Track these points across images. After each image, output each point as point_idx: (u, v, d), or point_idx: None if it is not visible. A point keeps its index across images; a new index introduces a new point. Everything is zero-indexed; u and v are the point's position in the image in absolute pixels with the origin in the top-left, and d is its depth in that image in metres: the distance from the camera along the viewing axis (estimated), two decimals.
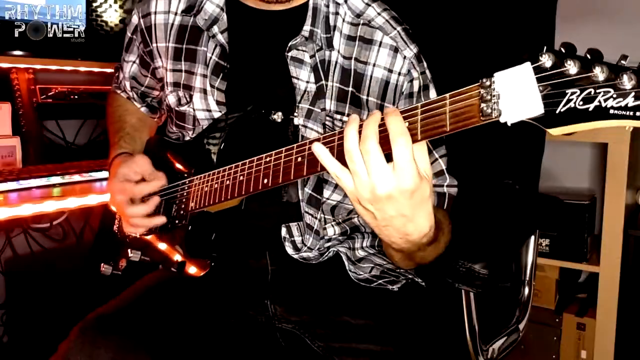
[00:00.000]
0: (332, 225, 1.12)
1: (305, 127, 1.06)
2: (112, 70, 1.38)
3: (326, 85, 1.07)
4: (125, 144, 1.24)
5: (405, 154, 0.70)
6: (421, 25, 1.13)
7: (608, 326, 2.00)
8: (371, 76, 1.07)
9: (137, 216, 1.10)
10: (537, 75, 0.60)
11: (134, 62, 1.26)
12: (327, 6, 1.08)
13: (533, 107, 0.60)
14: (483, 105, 0.63)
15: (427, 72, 1.09)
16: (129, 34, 1.24)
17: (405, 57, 1.06)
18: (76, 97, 2.06)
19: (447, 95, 0.68)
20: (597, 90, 0.56)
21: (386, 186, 0.71)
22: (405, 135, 0.70)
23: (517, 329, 1.48)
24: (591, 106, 0.56)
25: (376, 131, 0.72)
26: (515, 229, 1.46)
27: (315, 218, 1.08)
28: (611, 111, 0.55)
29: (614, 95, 0.55)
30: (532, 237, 1.53)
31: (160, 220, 1.10)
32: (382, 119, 0.73)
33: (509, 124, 0.62)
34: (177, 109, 1.16)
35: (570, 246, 2.10)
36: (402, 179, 0.71)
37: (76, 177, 1.71)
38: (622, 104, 0.54)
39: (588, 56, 0.57)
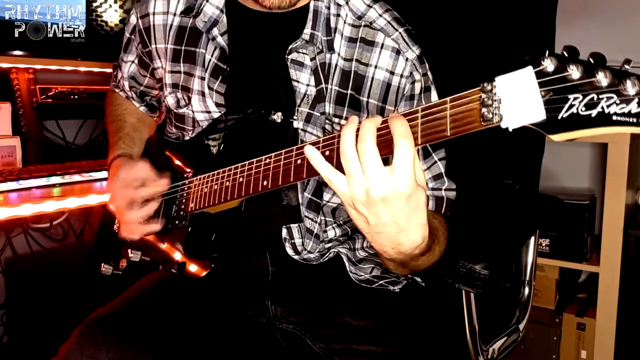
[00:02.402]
0: (333, 228, 1.12)
1: (305, 131, 1.06)
2: (112, 70, 1.38)
3: (326, 89, 1.07)
4: (124, 144, 1.23)
5: (407, 156, 0.69)
6: (423, 26, 1.13)
7: (608, 326, 2.00)
8: (372, 78, 1.06)
9: (135, 221, 1.09)
10: (539, 80, 0.59)
11: (132, 62, 1.25)
12: (328, 8, 1.08)
13: (535, 113, 0.59)
14: (484, 110, 0.63)
15: (429, 73, 1.09)
16: (127, 34, 1.23)
17: (407, 59, 1.06)
18: (76, 97, 2.06)
19: (448, 99, 0.67)
20: (600, 96, 0.55)
21: (382, 188, 0.70)
22: (409, 138, 0.69)
23: (517, 329, 1.48)
24: (594, 112, 0.55)
25: (374, 132, 0.71)
26: (516, 229, 1.45)
27: (315, 222, 1.08)
28: (614, 117, 0.54)
29: (617, 101, 0.54)
30: (532, 237, 1.53)
31: (158, 225, 1.10)
32: (382, 122, 0.72)
33: (510, 129, 0.61)
34: (176, 110, 1.16)
35: (570, 246, 2.10)
36: (399, 181, 0.70)
37: (76, 177, 1.71)
38: (625, 110, 0.53)
39: (591, 60, 0.56)
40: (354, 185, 0.72)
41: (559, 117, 0.58)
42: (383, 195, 0.71)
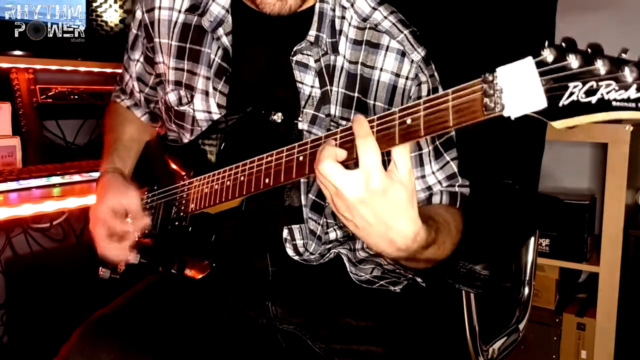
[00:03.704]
0: (335, 230, 1.11)
1: (310, 132, 1.05)
2: (112, 71, 1.37)
3: (331, 91, 1.06)
4: (117, 158, 1.22)
5: (369, 154, 0.71)
6: (426, 24, 1.13)
7: (608, 326, 2.00)
8: (378, 81, 1.06)
9: (109, 253, 1.10)
10: (539, 70, 0.60)
11: (138, 60, 1.24)
12: (334, 10, 1.08)
13: (536, 101, 0.60)
14: (486, 99, 0.63)
15: (436, 74, 1.09)
16: (134, 31, 1.22)
17: (412, 61, 1.06)
18: (76, 97, 2.06)
19: (450, 90, 0.68)
20: (599, 83, 0.56)
21: (355, 191, 0.72)
22: (368, 136, 0.72)
23: (517, 329, 1.48)
24: (594, 99, 0.56)
25: (330, 153, 0.74)
26: (516, 229, 1.46)
27: (318, 224, 1.08)
28: (614, 103, 0.55)
29: (616, 88, 0.55)
30: (532, 237, 1.53)
31: (130, 260, 1.11)
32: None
33: (512, 118, 0.62)
34: (176, 108, 1.15)
35: (570, 246, 2.10)
36: (369, 180, 0.71)
37: (76, 177, 1.71)
38: (625, 96, 0.55)
39: (589, 50, 0.58)
40: (333, 198, 0.76)
41: (560, 105, 0.59)
42: (359, 197, 0.72)
